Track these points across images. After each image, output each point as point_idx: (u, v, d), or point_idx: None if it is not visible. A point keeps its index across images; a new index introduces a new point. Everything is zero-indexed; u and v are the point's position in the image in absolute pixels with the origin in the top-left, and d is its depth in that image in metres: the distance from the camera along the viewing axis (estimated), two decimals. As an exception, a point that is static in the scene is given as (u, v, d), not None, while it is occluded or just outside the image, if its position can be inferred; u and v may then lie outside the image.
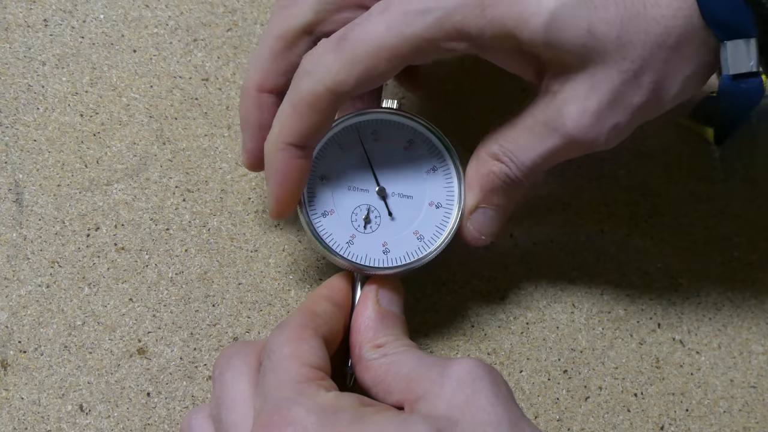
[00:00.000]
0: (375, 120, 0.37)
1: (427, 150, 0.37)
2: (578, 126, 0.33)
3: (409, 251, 0.36)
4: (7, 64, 0.42)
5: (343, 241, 0.36)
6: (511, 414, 0.29)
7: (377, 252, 0.36)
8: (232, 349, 0.33)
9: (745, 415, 0.41)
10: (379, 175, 0.37)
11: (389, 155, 0.37)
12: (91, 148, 0.41)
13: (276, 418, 0.28)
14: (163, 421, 0.38)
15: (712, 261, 0.43)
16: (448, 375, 0.30)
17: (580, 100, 0.33)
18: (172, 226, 0.41)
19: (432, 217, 0.37)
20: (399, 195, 0.37)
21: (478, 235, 0.37)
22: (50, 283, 0.39)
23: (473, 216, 0.36)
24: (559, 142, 0.34)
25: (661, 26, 0.32)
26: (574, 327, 0.41)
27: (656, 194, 0.44)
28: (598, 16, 0.31)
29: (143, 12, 0.44)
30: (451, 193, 0.37)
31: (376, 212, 0.37)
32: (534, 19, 0.31)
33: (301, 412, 0.28)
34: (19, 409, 0.37)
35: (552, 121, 0.33)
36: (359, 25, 0.32)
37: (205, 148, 0.42)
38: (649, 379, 0.41)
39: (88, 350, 0.38)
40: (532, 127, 0.34)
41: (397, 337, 0.34)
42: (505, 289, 0.42)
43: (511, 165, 0.35)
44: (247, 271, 0.40)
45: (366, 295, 0.35)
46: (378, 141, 0.37)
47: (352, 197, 0.37)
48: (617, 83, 0.32)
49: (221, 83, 0.43)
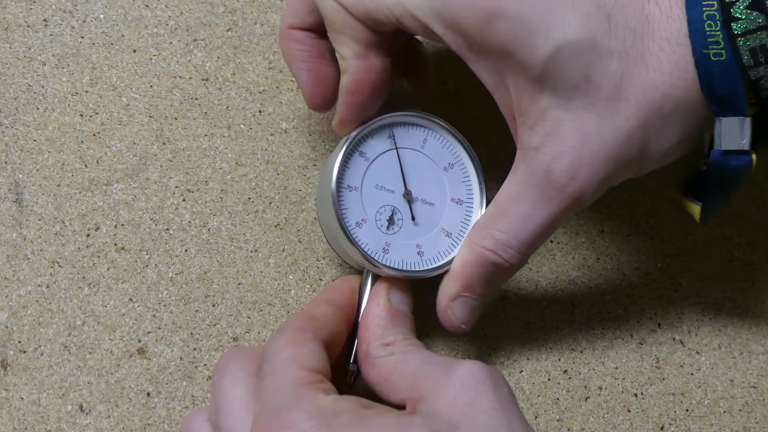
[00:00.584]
0: (394, 123, 0.37)
1: (442, 146, 0.37)
2: (574, 179, 0.32)
3: (440, 250, 0.37)
4: (7, 64, 0.42)
5: (379, 249, 0.36)
6: (510, 418, 0.29)
7: (412, 255, 0.36)
8: (229, 354, 0.33)
9: (745, 415, 0.41)
10: (406, 178, 0.37)
11: (408, 157, 0.37)
12: (91, 148, 0.41)
13: (275, 422, 0.28)
14: (163, 421, 0.38)
15: (712, 261, 0.43)
16: (452, 376, 0.30)
17: (572, 152, 0.32)
18: (172, 226, 0.41)
19: (456, 214, 0.37)
20: (423, 201, 0.37)
21: (458, 324, 0.36)
22: (50, 283, 0.39)
23: (455, 305, 0.36)
24: (556, 207, 0.33)
25: (660, 92, 0.31)
26: (574, 327, 0.41)
27: (657, 194, 0.44)
28: (600, 65, 0.31)
29: (143, 12, 0.44)
30: (470, 187, 0.37)
31: (399, 214, 0.37)
32: (539, 48, 0.31)
33: (300, 415, 0.28)
34: (19, 409, 0.37)
35: (543, 186, 0.32)
36: None
37: (205, 148, 0.42)
38: (649, 379, 0.41)
39: (88, 350, 0.38)
40: (523, 200, 0.33)
41: (406, 336, 0.34)
42: (505, 289, 0.42)
43: (507, 254, 0.34)
44: (247, 271, 0.40)
45: (377, 293, 0.35)
46: (398, 143, 0.37)
47: (378, 197, 0.36)
48: (610, 138, 0.32)
49: (221, 83, 0.43)
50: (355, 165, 0.36)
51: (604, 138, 0.32)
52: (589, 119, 0.32)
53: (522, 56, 0.31)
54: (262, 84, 0.43)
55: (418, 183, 0.37)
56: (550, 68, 0.31)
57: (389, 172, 0.37)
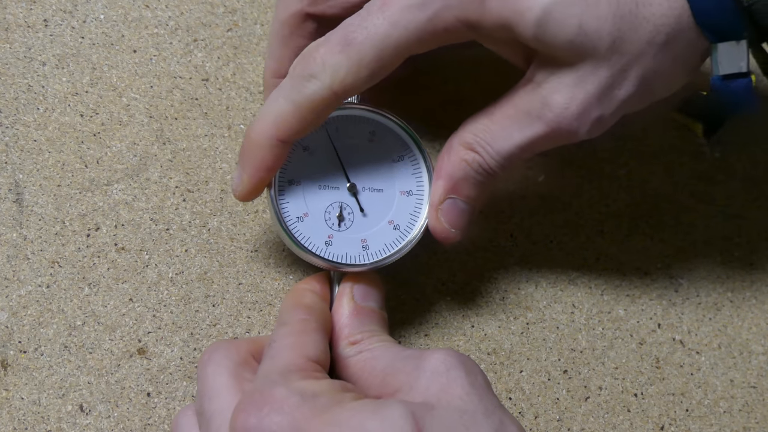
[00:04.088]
0: (337, 117, 0.37)
1: (391, 139, 0.37)
2: (563, 116, 0.33)
3: (387, 243, 0.37)
4: (7, 64, 0.42)
5: (321, 243, 0.36)
6: (487, 403, 0.29)
7: (356, 249, 0.36)
8: (213, 346, 0.33)
9: (745, 415, 0.41)
10: (349, 172, 0.37)
11: (355, 150, 0.37)
12: (91, 148, 0.41)
13: (257, 398, 0.28)
14: (163, 421, 0.38)
15: (712, 261, 0.43)
16: (422, 366, 0.30)
17: (567, 91, 0.33)
18: (172, 226, 0.41)
19: (405, 206, 0.37)
20: (370, 189, 0.37)
21: (448, 227, 0.36)
22: (50, 283, 0.39)
23: (443, 207, 0.36)
24: (541, 131, 0.34)
25: (651, 24, 0.32)
26: (574, 327, 0.41)
27: (656, 194, 0.44)
28: (590, 13, 0.32)
29: (143, 12, 0.44)
30: (420, 179, 0.37)
31: (349, 209, 0.37)
32: (527, 14, 0.32)
33: (281, 392, 0.28)
34: (19, 409, 0.37)
35: (535, 109, 0.34)
36: (361, 25, 0.32)
37: (205, 148, 0.42)
38: (649, 379, 0.41)
39: (88, 350, 0.38)
40: (512, 116, 0.34)
41: (374, 333, 0.34)
42: (505, 289, 0.42)
43: (485, 155, 0.35)
44: (247, 271, 0.40)
45: (341, 292, 0.36)
46: (342, 137, 0.37)
47: (323, 196, 0.37)
48: (605, 77, 0.33)
49: (221, 83, 0.43)
50: (297, 159, 0.36)
51: (598, 76, 0.33)
52: (584, 62, 0.33)
53: (517, 24, 0.32)
54: (262, 84, 0.43)
55: (366, 174, 0.37)
56: (542, 29, 0.32)
57: (332, 167, 0.37)
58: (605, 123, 0.34)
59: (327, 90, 0.33)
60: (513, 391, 0.40)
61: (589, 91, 0.33)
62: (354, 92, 0.33)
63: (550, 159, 0.44)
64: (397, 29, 0.32)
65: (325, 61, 0.32)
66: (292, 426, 0.27)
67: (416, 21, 0.32)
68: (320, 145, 0.37)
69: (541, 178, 0.44)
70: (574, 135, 0.34)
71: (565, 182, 0.44)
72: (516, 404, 0.40)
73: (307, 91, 0.33)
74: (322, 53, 0.33)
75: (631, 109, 0.35)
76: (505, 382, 0.40)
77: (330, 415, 0.27)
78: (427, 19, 0.32)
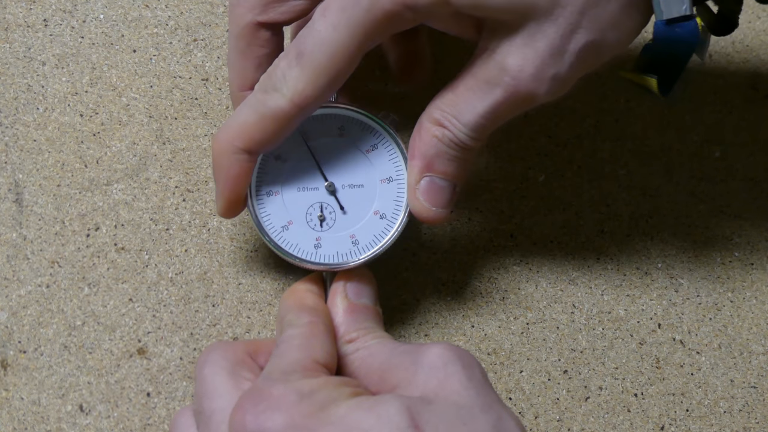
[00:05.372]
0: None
1: (361, 130, 0.37)
2: (519, 77, 0.33)
3: (376, 234, 0.37)
4: (7, 64, 0.42)
5: (310, 247, 0.36)
6: (485, 397, 0.29)
7: (347, 246, 0.36)
8: (209, 347, 0.33)
9: (746, 416, 0.41)
10: (326, 170, 0.37)
11: (328, 148, 0.37)
12: (91, 148, 0.41)
13: (255, 395, 0.29)
14: (163, 421, 0.38)
15: (712, 261, 0.43)
16: (419, 362, 0.30)
17: (519, 53, 0.33)
18: (172, 226, 0.41)
19: (388, 193, 0.37)
20: (350, 186, 0.37)
21: (428, 206, 0.36)
22: (50, 283, 0.39)
23: (421, 186, 0.36)
24: (500, 96, 0.34)
25: None
26: (574, 327, 0.41)
27: (656, 194, 0.44)
28: None
29: (143, 12, 0.44)
30: (398, 164, 0.37)
31: (330, 208, 0.37)
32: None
33: (279, 390, 0.28)
34: (19, 409, 0.37)
35: (493, 77, 0.33)
36: (309, 35, 0.33)
37: (205, 148, 0.42)
38: (650, 379, 0.41)
39: (88, 350, 0.38)
40: (472, 86, 0.34)
41: (369, 330, 0.34)
42: (505, 289, 0.42)
43: (453, 128, 0.34)
44: (247, 271, 0.40)
45: (334, 290, 0.36)
46: (313, 137, 0.37)
47: (303, 199, 0.37)
48: (553, 33, 0.32)
49: (221, 83, 0.43)
50: (272, 170, 0.37)
51: (546, 33, 0.32)
52: (529, 21, 0.32)
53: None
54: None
55: (343, 170, 0.37)
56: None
57: (309, 169, 0.37)
58: (563, 81, 0.34)
59: (288, 102, 0.33)
60: (513, 391, 0.40)
61: (540, 48, 0.33)
62: (319, 101, 0.33)
63: (550, 159, 0.44)
64: (340, 31, 0.32)
65: (285, 74, 0.33)
66: (289, 424, 0.27)
67: (356, 18, 0.32)
68: (292, 150, 0.37)
69: (541, 178, 0.44)
70: (534, 96, 0.34)
71: (565, 182, 0.44)
72: (516, 404, 0.40)
73: (270, 104, 0.33)
74: (282, 66, 0.33)
75: (588, 66, 0.34)
76: (505, 382, 0.40)
77: (327, 413, 0.27)
78: (365, 12, 0.32)
